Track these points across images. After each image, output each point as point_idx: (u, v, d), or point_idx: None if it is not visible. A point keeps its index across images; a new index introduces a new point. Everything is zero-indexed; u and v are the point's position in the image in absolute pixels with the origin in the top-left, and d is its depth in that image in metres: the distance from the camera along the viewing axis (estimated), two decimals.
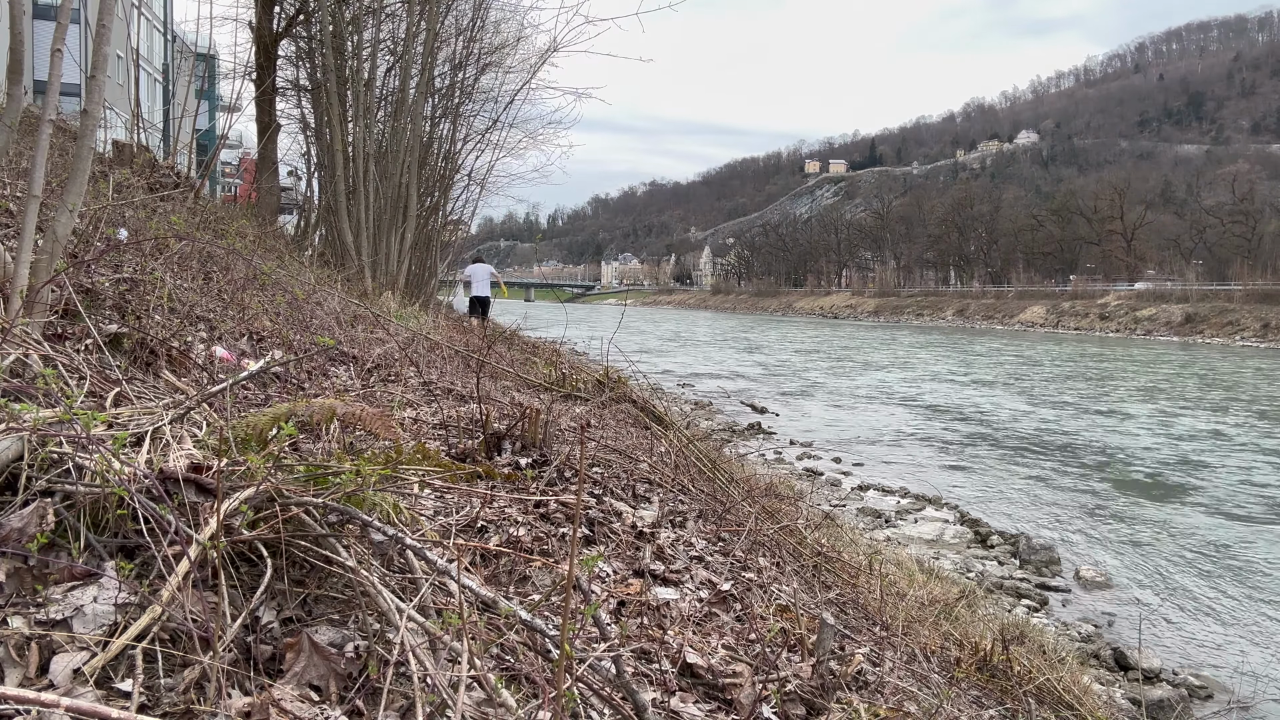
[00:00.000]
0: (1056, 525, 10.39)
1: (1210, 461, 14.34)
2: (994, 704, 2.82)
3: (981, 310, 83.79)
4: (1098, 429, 17.69)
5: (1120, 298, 70.51)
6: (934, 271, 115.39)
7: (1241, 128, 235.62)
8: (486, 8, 17.67)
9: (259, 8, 14.16)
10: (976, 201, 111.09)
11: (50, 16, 21.97)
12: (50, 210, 2.86)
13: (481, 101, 19.07)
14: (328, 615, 1.58)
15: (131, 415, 2.05)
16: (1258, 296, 58.56)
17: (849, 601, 3.48)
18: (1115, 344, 51.02)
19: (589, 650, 1.50)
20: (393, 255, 14.70)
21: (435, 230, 19.07)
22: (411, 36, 15.03)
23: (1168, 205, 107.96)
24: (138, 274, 3.50)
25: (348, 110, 14.31)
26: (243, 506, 1.64)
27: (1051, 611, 7.58)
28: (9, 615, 1.36)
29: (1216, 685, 6.18)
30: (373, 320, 6.09)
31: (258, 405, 2.80)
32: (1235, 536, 9.96)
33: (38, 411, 1.82)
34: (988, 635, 3.67)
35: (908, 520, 10.18)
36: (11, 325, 2.25)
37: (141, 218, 5.17)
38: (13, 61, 3.61)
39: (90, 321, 2.66)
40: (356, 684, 1.43)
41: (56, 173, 4.41)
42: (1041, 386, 25.86)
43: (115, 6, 2.77)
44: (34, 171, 2.59)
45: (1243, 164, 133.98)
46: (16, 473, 1.60)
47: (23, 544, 1.45)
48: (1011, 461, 14.24)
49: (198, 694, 1.32)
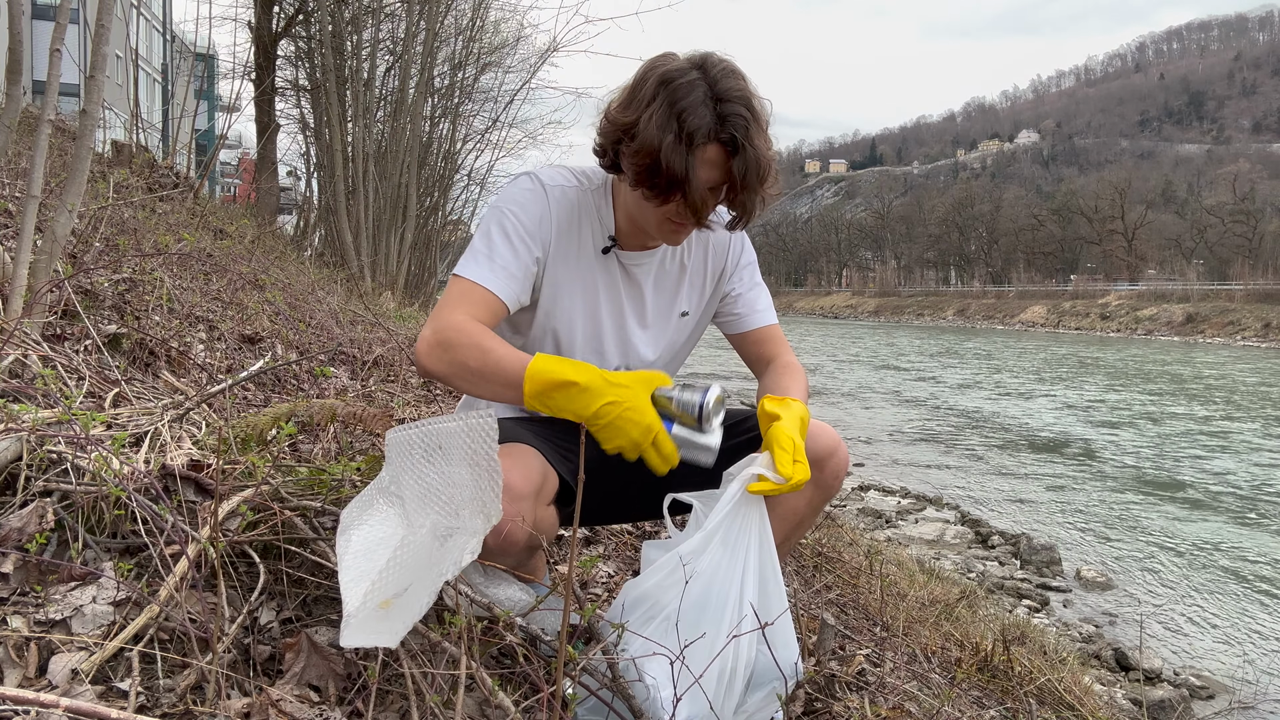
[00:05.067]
0: (1057, 525, 10.39)
1: (1212, 462, 14.35)
2: (995, 704, 2.82)
3: (982, 310, 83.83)
4: (1098, 429, 17.69)
5: (1121, 297, 70.54)
6: (934, 271, 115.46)
7: (1242, 127, 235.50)
8: (486, 8, 17.69)
9: (258, 8, 14.16)
10: (977, 201, 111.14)
11: (49, 16, 21.98)
12: (49, 210, 2.86)
13: (481, 101, 19.10)
14: (328, 616, 1.58)
15: (130, 416, 2.05)
16: (1259, 296, 58.58)
17: (849, 601, 3.48)
18: (1116, 344, 51.03)
19: (587, 651, 1.50)
20: (392, 255, 14.71)
21: (435, 230, 19.07)
22: (411, 36, 15.04)
23: (1168, 205, 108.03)
24: (137, 274, 3.50)
25: (347, 110, 14.31)
26: (241, 507, 1.64)
27: (1052, 612, 7.58)
28: (8, 615, 1.36)
29: (1218, 685, 6.18)
30: (372, 320, 6.09)
31: (258, 406, 2.80)
32: (1237, 536, 9.96)
33: (36, 412, 1.82)
34: (989, 636, 3.67)
35: (908, 520, 10.18)
36: (11, 326, 2.25)
37: (141, 218, 5.17)
38: (11, 61, 3.61)
39: (89, 322, 2.66)
40: (356, 685, 1.43)
41: (55, 173, 4.41)
42: (1041, 386, 25.86)
43: (114, 6, 2.76)
44: (33, 172, 2.59)
45: (1243, 163, 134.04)
46: (15, 473, 1.60)
47: (22, 544, 1.45)
48: (1012, 461, 14.24)
49: (196, 695, 1.32)
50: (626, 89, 1.62)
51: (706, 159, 1.56)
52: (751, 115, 1.55)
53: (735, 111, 1.54)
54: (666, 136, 1.52)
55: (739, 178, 1.57)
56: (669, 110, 1.53)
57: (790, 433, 1.59)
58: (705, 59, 1.59)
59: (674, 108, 1.53)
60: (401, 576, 1.29)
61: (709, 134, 1.53)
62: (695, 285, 1.89)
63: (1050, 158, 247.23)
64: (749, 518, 1.57)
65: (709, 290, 1.91)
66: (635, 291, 1.82)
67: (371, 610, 1.27)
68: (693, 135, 1.52)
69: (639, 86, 1.59)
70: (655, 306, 1.85)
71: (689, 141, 1.53)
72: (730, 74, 1.57)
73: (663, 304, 1.85)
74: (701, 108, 1.53)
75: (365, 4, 15.50)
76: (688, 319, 1.90)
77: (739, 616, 1.50)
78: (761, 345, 1.94)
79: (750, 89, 1.58)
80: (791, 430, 1.59)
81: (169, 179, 7.59)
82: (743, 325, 1.93)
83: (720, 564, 1.52)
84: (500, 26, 18.71)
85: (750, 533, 1.56)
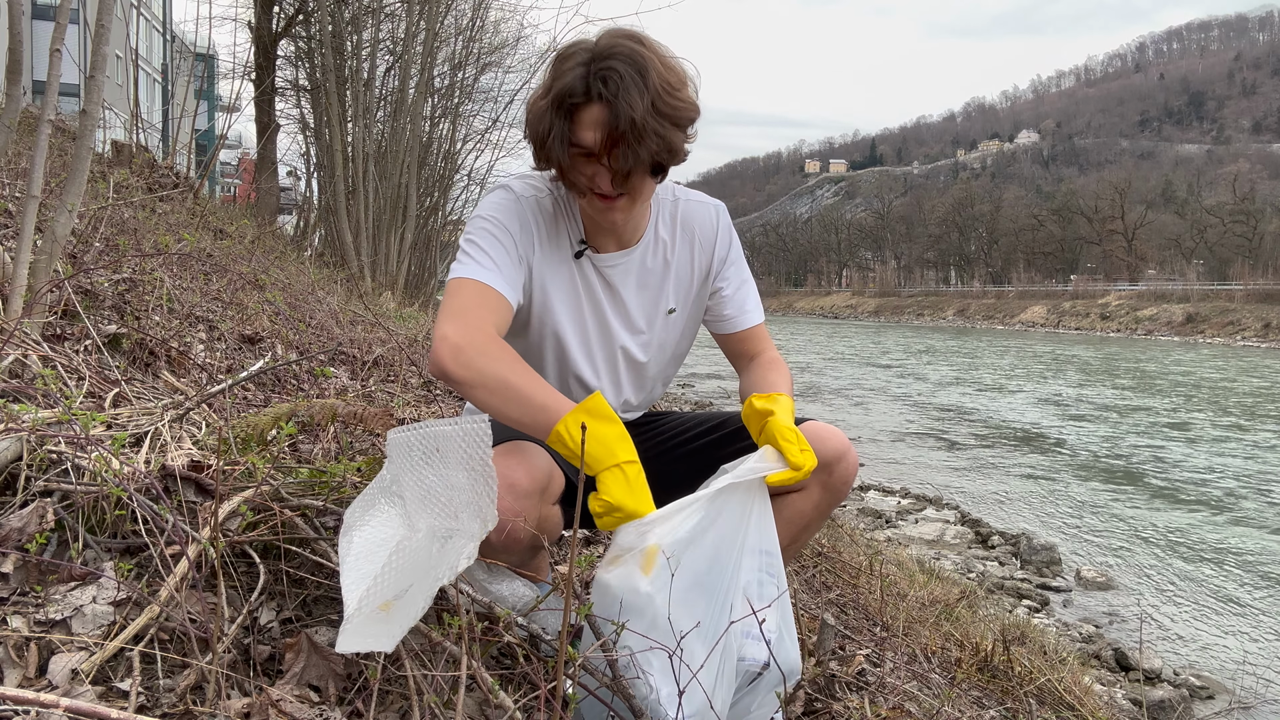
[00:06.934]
0: (1057, 525, 10.39)
1: (1212, 462, 14.34)
2: (995, 704, 2.82)
3: (982, 310, 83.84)
4: (1099, 429, 17.69)
5: (1121, 297, 70.55)
6: (934, 271, 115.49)
7: (1242, 127, 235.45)
8: (486, 8, 17.67)
9: (258, 8, 14.16)
10: (977, 201, 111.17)
11: (49, 16, 21.97)
12: (49, 210, 2.86)
13: (481, 101, 19.09)
14: (328, 616, 1.58)
15: (130, 416, 2.05)
16: (1259, 296, 58.59)
17: (849, 602, 3.48)
18: (1116, 344, 51.03)
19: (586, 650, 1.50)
20: (392, 255, 14.70)
21: (435, 230, 19.07)
22: (411, 36, 15.03)
23: (1168, 205, 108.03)
24: (137, 274, 3.50)
25: (347, 110, 14.31)
26: (242, 507, 1.64)
27: (1053, 612, 7.58)
28: (8, 615, 1.36)
29: (1218, 685, 6.18)
30: (372, 320, 6.09)
31: (258, 406, 2.80)
32: (1237, 537, 9.96)
33: (36, 412, 1.82)
34: (989, 636, 3.67)
35: (908, 520, 10.18)
36: (11, 326, 2.25)
37: (141, 218, 5.17)
38: (11, 61, 3.61)
39: (89, 322, 2.66)
40: (356, 685, 1.43)
41: (55, 173, 4.41)
42: (1041, 386, 25.86)
43: (114, 6, 2.76)
44: (33, 172, 2.59)
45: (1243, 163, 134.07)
46: (15, 473, 1.60)
47: (22, 544, 1.45)
48: (1012, 462, 14.23)
49: (196, 695, 1.32)
50: None
51: (587, 120, 1.52)
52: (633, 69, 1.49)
53: (608, 67, 1.49)
54: (541, 103, 1.53)
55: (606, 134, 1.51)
56: (550, 81, 1.53)
57: (789, 424, 1.60)
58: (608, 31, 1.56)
59: (554, 79, 1.53)
60: (400, 578, 1.29)
61: (580, 93, 1.50)
62: (682, 281, 1.86)
63: (1050, 158, 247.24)
64: (746, 503, 1.56)
65: (696, 285, 1.88)
66: (614, 296, 1.80)
67: (370, 612, 1.27)
68: (561, 96, 1.50)
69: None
70: (640, 307, 1.83)
71: (557, 104, 1.51)
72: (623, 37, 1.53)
73: (647, 303, 1.84)
74: (577, 69, 1.50)
75: (365, 4, 15.50)
76: (676, 316, 1.87)
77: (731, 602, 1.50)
78: (746, 343, 1.94)
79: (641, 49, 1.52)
80: (789, 422, 1.61)
81: (169, 179, 7.58)
82: (732, 327, 1.93)
83: (715, 552, 1.52)
84: (500, 26, 18.72)
85: (749, 518, 1.56)
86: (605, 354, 1.82)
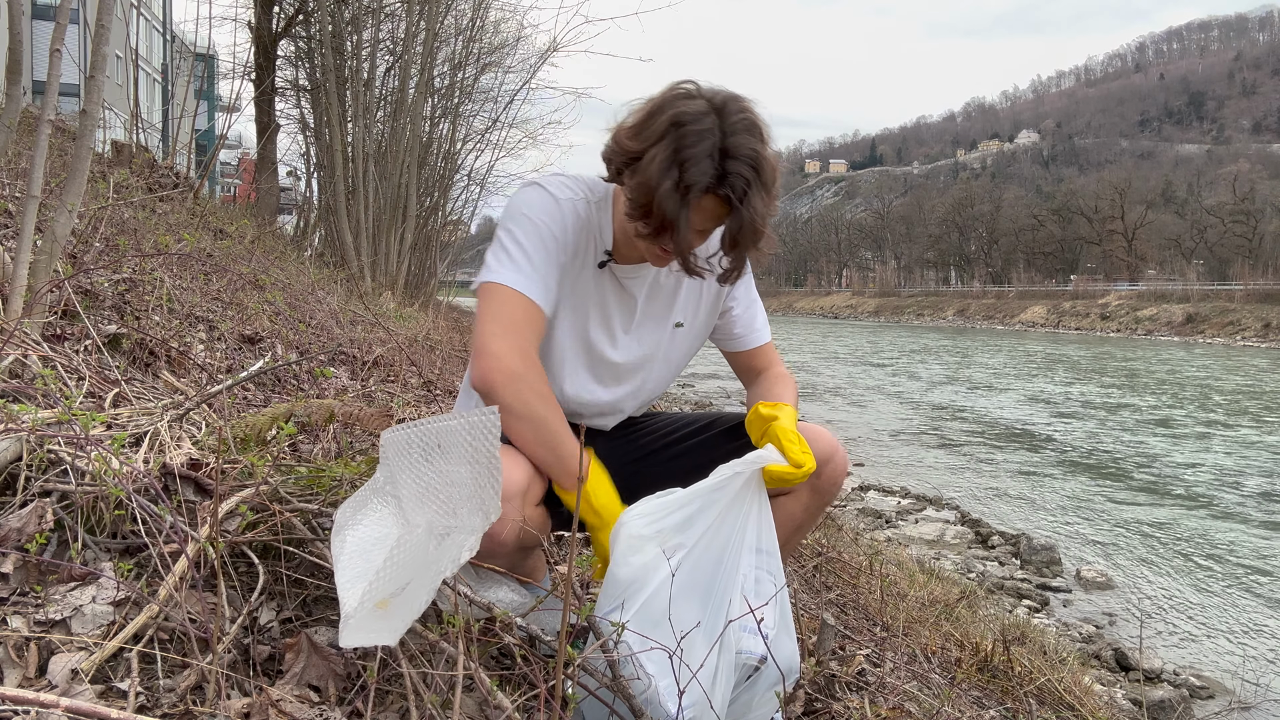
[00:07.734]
0: (1057, 525, 10.39)
1: (1212, 462, 14.34)
2: (995, 704, 2.82)
3: (982, 310, 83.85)
4: (1099, 429, 17.69)
5: (1121, 297, 70.57)
6: (934, 271, 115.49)
7: (1242, 127, 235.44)
8: (486, 8, 17.70)
9: (258, 8, 14.16)
10: (977, 201, 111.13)
11: (49, 16, 21.97)
12: (49, 210, 2.86)
13: (481, 101, 19.12)
14: (327, 616, 1.58)
15: (130, 416, 2.05)
16: (1259, 296, 58.59)
17: (849, 602, 3.48)
18: (1116, 344, 51.03)
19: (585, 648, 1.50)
20: (392, 255, 14.71)
21: (435, 230, 19.09)
22: (411, 36, 15.04)
23: (1168, 205, 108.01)
24: (137, 274, 3.50)
25: (347, 110, 14.32)
26: (241, 507, 1.64)
27: (1052, 612, 7.58)
28: (8, 615, 1.36)
29: (1218, 685, 6.18)
30: (372, 320, 6.09)
31: (257, 406, 2.80)
32: (1237, 537, 9.96)
33: (36, 412, 1.82)
34: (989, 636, 3.67)
35: (908, 520, 10.18)
36: (11, 326, 2.25)
37: (141, 218, 5.17)
38: (11, 61, 3.61)
39: (89, 322, 2.66)
40: (356, 685, 1.43)
41: (55, 173, 4.41)
42: (1041, 386, 25.86)
43: (114, 6, 2.76)
44: (33, 172, 2.59)
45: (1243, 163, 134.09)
46: (15, 473, 1.60)
47: (22, 544, 1.45)
48: (1012, 462, 14.23)
49: (196, 695, 1.32)
50: (640, 114, 1.58)
51: (702, 207, 1.54)
52: (756, 174, 1.52)
53: (738, 171, 1.50)
54: (665, 181, 1.50)
55: (730, 236, 1.56)
56: (674, 155, 1.50)
57: (791, 428, 1.67)
58: (725, 105, 1.54)
59: (679, 154, 1.50)
60: (399, 575, 1.29)
61: (707, 188, 1.51)
62: (693, 297, 1.88)
63: (1050, 158, 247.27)
64: (746, 502, 1.58)
65: (707, 303, 1.90)
66: (627, 300, 1.81)
67: (370, 609, 1.27)
68: (690, 187, 1.50)
69: (652, 118, 1.55)
70: (646, 313, 1.84)
71: (685, 192, 1.50)
72: (746, 129, 1.53)
73: (655, 311, 1.85)
74: (705, 160, 1.50)
75: (365, 4, 15.51)
76: (683, 330, 1.89)
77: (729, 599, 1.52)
78: (755, 360, 1.99)
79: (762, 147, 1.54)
80: (791, 426, 1.67)
81: (169, 179, 7.58)
82: (741, 345, 1.97)
83: (715, 548, 1.53)
84: (500, 26, 18.75)
85: (749, 518, 1.57)
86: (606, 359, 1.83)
